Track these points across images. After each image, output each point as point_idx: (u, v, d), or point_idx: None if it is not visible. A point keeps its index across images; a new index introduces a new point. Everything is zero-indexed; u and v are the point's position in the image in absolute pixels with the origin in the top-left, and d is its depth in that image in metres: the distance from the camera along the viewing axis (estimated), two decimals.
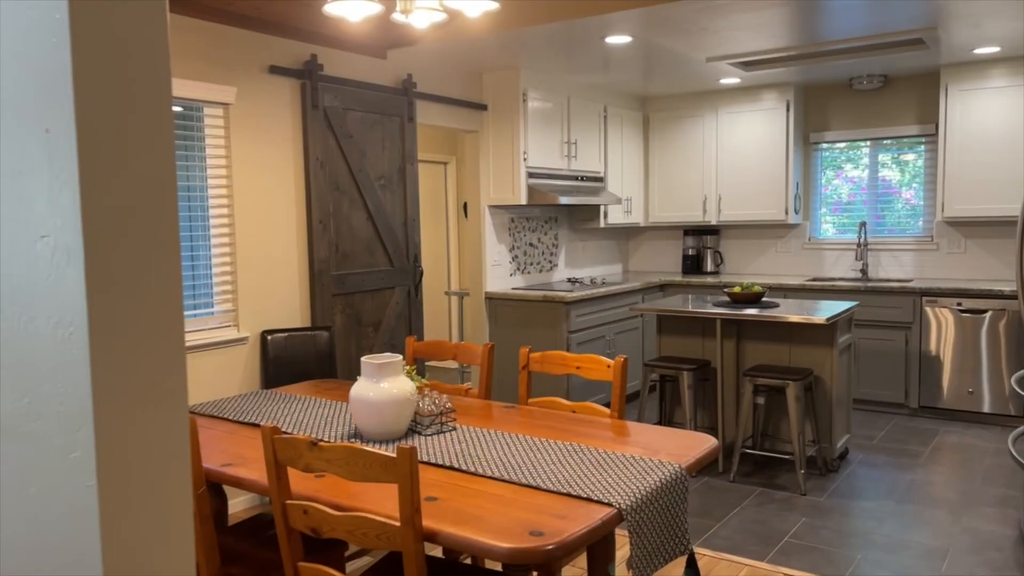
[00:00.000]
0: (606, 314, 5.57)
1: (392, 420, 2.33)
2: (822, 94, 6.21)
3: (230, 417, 2.68)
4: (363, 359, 2.35)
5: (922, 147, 5.88)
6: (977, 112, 5.32)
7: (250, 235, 3.86)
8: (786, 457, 4.19)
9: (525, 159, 5.27)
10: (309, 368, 3.96)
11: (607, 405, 3.17)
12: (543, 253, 6.03)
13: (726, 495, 4.01)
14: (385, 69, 4.59)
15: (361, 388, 2.34)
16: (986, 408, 5.18)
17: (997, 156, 5.27)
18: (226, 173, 3.76)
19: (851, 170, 6.17)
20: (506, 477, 2.02)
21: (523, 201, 5.27)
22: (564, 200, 5.25)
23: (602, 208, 6.15)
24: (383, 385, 2.33)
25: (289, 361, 3.90)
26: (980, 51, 4.95)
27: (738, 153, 6.26)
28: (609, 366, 2.72)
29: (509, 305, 5.39)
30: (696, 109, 6.43)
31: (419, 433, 2.41)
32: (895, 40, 4.56)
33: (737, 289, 4.48)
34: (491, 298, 5.45)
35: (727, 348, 4.52)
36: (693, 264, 6.71)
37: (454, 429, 2.46)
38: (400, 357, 2.39)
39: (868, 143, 6.07)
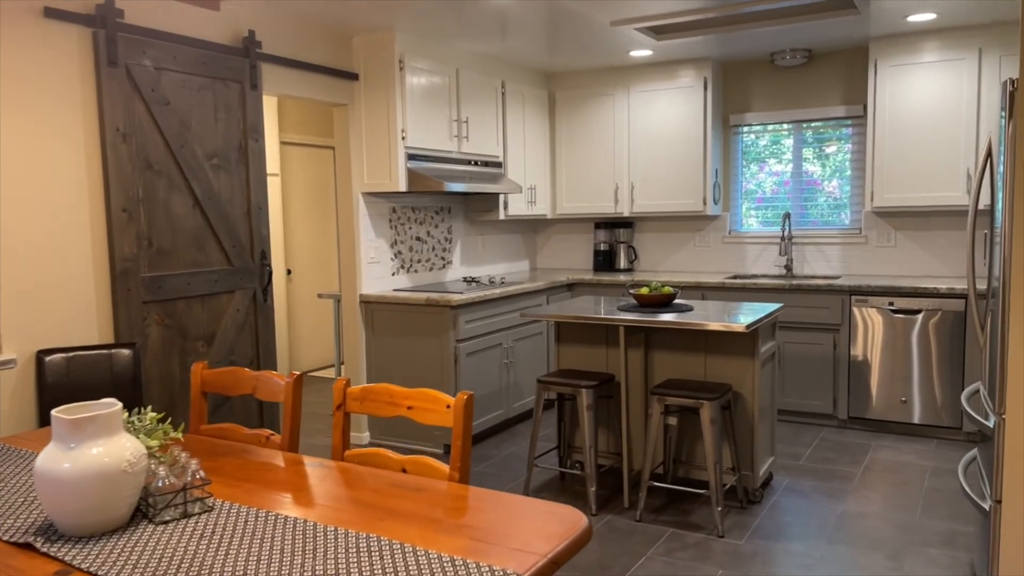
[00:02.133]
0: (504, 318, 4.84)
1: (99, 505, 1.53)
2: (742, 71, 5.62)
3: None
4: (53, 413, 1.54)
5: (849, 130, 5.35)
6: (909, 91, 4.80)
7: (20, 224, 2.97)
8: (701, 492, 3.54)
9: (404, 138, 4.48)
10: (107, 396, 3.09)
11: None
12: (433, 249, 5.27)
13: (631, 540, 3.33)
14: (218, 23, 3.73)
15: (49, 459, 1.53)
16: (918, 419, 4.67)
17: (931, 140, 4.76)
18: None
19: (773, 160, 5.61)
20: None
21: (402, 187, 4.48)
22: (452, 187, 4.50)
23: (501, 198, 5.43)
24: (88, 451, 1.52)
25: (77, 388, 3.03)
26: (914, 18, 4.40)
27: (652, 137, 5.63)
28: (449, 406, 1.98)
29: (387, 310, 4.61)
30: (606, 86, 5.76)
31: (150, 520, 1.62)
32: (821, 1, 3.96)
33: (644, 291, 3.81)
34: (367, 302, 4.65)
35: (633, 360, 3.85)
36: (605, 260, 6.05)
37: (208, 511, 1.67)
38: (117, 405, 1.58)
39: (791, 126, 5.52)
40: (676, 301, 4.01)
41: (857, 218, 5.35)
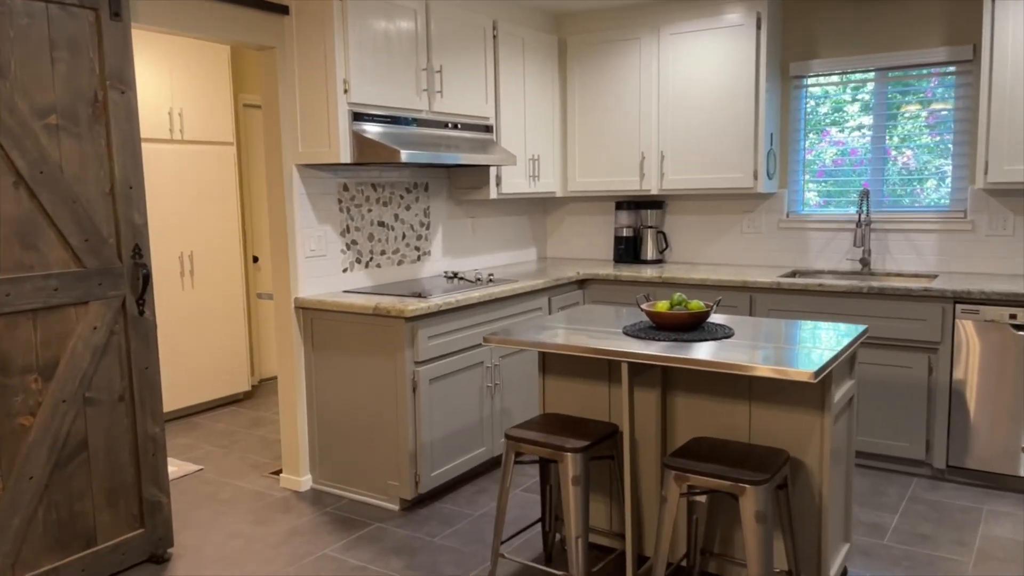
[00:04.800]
0: (487, 329, 3.72)
1: None
2: (807, 4, 4.33)
3: None
4: None
5: (952, 79, 4.03)
6: None
7: None
8: None
9: (346, 91, 3.36)
10: None
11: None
12: (404, 237, 4.15)
13: None
14: None
15: None
16: None
17: None
18: None
19: (847, 122, 4.31)
20: None
21: (343, 157, 3.37)
22: (411, 156, 3.36)
23: (493, 171, 4.27)
24: None
25: None
26: None
27: (689, 92, 4.39)
28: None
29: (330, 319, 3.52)
30: (631, 28, 4.53)
31: None
32: None
33: (662, 307, 2.63)
34: (305, 307, 3.57)
35: (644, 406, 2.69)
36: (628, 249, 4.86)
37: None
38: None
39: (872, 75, 4.21)
40: (711, 319, 2.83)
41: (961, 197, 4.04)
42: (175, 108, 4.72)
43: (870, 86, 4.23)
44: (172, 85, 4.71)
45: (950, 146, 4.06)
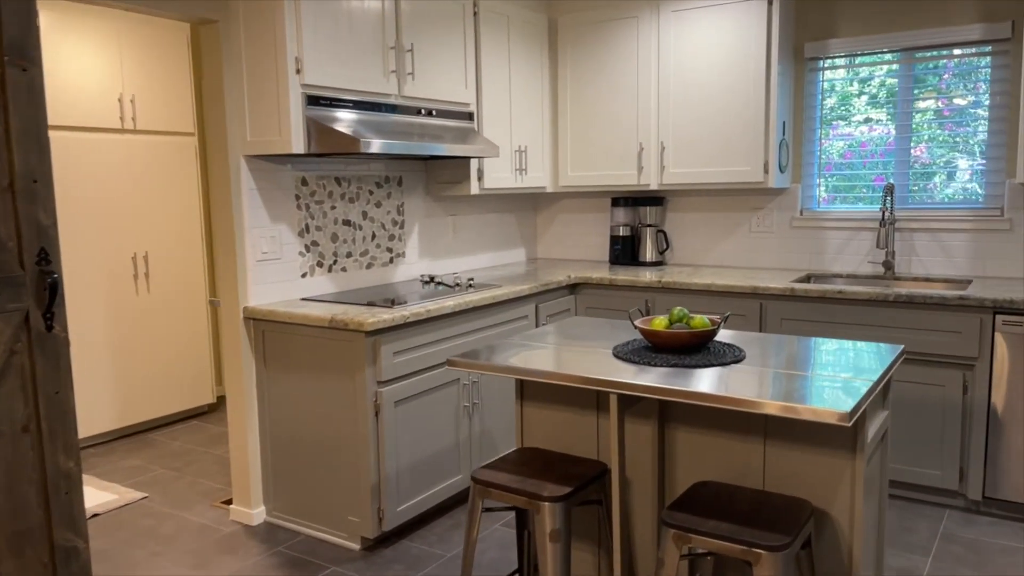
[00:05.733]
0: (462, 343, 3.29)
1: None
2: None
3: None
4: None
5: (988, 59, 3.59)
6: None
7: None
8: None
9: (298, 72, 2.93)
10: None
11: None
12: (374, 237, 3.73)
13: None
14: None
15: None
16: None
17: None
18: None
19: (868, 108, 3.88)
20: None
21: (297, 147, 2.94)
22: (375, 146, 2.93)
23: (474, 164, 3.84)
24: None
25: None
26: None
27: (693, 76, 3.95)
28: None
29: (282, 331, 3.10)
30: (628, 6, 4.09)
31: None
32: None
33: (660, 324, 2.20)
34: (255, 318, 3.15)
35: (638, 441, 2.26)
36: (625, 249, 4.43)
37: None
38: None
39: (897, 56, 3.78)
40: (719, 338, 2.40)
41: (996, 192, 3.61)
42: (126, 94, 4.30)
43: (894, 68, 3.79)
44: (123, 68, 4.28)
45: (984, 135, 3.62)
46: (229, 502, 3.46)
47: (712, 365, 2.07)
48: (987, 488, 3.20)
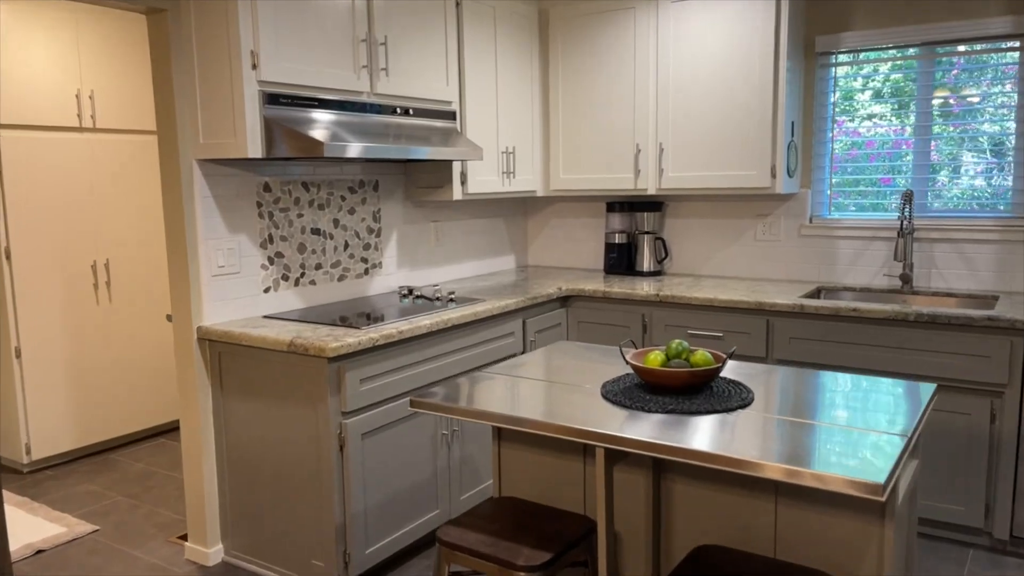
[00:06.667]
0: (442, 364, 3.00)
1: None
2: None
3: None
4: None
5: (1016, 55, 3.29)
6: None
7: None
8: None
9: (255, 67, 2.63)
10: None
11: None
12: (347, 247, 3.43)
13: None
14: None
15: None
16: None
17: None
18: None
19: (883, 108, 3.57)
20: None
21: (253, 151, 2.64)
22: (341, 149, 2.64)
23: (456, 167, 3.54)
24: None
25: None
26: None
27: (694, 72, 3.65)
28: None
29: (240, 354, 2.80)
30: None
31: None
32: None
33: (655, 359, 1.91)
34: (209, 339, 2.85)
35: (628, 496, 1.97)
36: (622, 258, 4.13)
37: None
38: None
39: (916, 51, 3.47)
40: (725, 374, 2.10)
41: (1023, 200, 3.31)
42: (84, 90, 3.99)
43: (912, 64, 3.48)
44: (80, 62, 3.98)
45: (1012, 138, 3.32)
46: (185, 537, 3.17)
47: (715, 411, 1.78)
48: (1015, 527, 2.91)
